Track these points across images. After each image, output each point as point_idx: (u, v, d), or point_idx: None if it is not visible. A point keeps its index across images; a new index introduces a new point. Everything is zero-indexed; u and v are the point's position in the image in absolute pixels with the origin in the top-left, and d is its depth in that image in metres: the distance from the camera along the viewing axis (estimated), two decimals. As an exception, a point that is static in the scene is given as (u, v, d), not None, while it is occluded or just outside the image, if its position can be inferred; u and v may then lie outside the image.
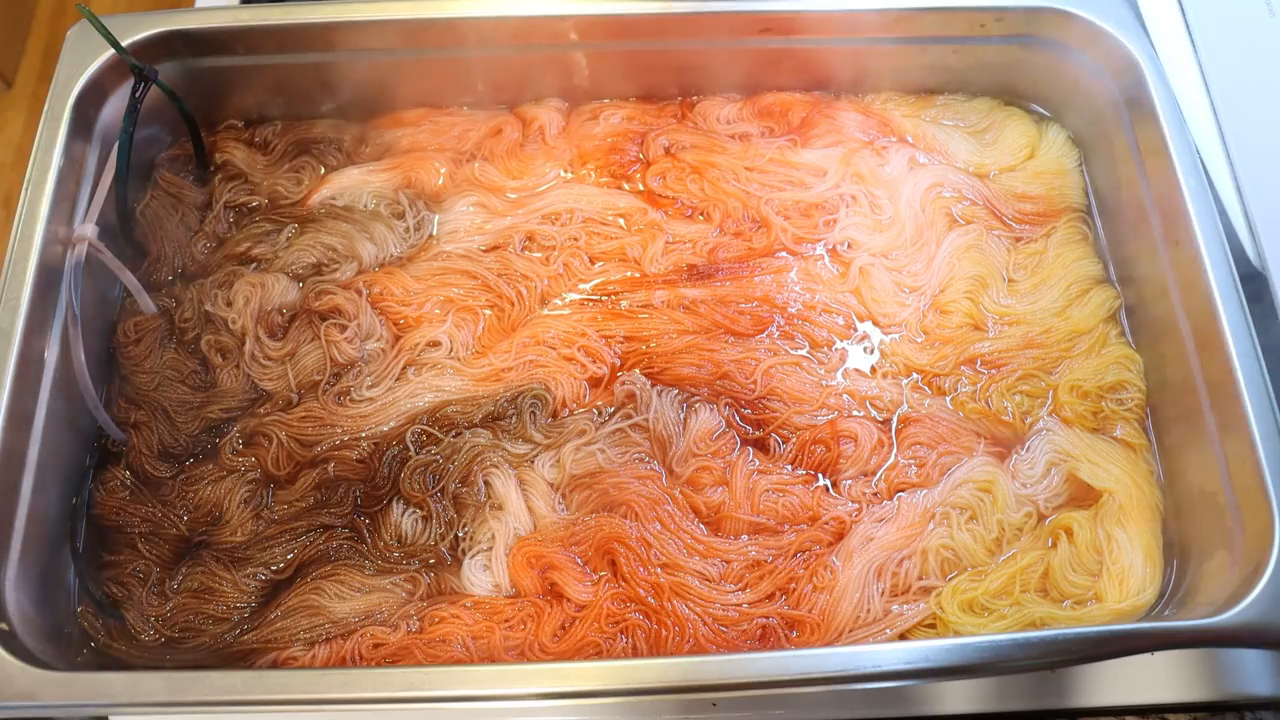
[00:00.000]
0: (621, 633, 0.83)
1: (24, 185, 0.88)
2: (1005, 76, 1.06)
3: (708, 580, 0.84)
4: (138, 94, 0.92)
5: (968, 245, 0.99)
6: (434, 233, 1.01)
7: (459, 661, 0.81)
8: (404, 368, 0.94)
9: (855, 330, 0.96)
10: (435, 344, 0.95)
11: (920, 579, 0.85)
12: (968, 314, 0.96)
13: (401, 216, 1.01)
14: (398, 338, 0.95)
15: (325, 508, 0.88)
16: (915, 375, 0.94)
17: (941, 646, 0.73)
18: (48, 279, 0.86)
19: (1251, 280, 0.86)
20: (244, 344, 0.94)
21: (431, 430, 0.91)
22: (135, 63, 0.92)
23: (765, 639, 0.82)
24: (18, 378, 0.82)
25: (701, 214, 1.02)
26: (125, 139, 0.92)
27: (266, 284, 0.96)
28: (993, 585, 0.84)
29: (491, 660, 0.81)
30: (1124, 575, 0.83)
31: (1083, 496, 0.88)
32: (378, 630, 0.83)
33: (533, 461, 0.90)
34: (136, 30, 0.94)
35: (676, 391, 0.92)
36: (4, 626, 0.76)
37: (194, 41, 0.97)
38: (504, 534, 0.87)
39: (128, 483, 0.89)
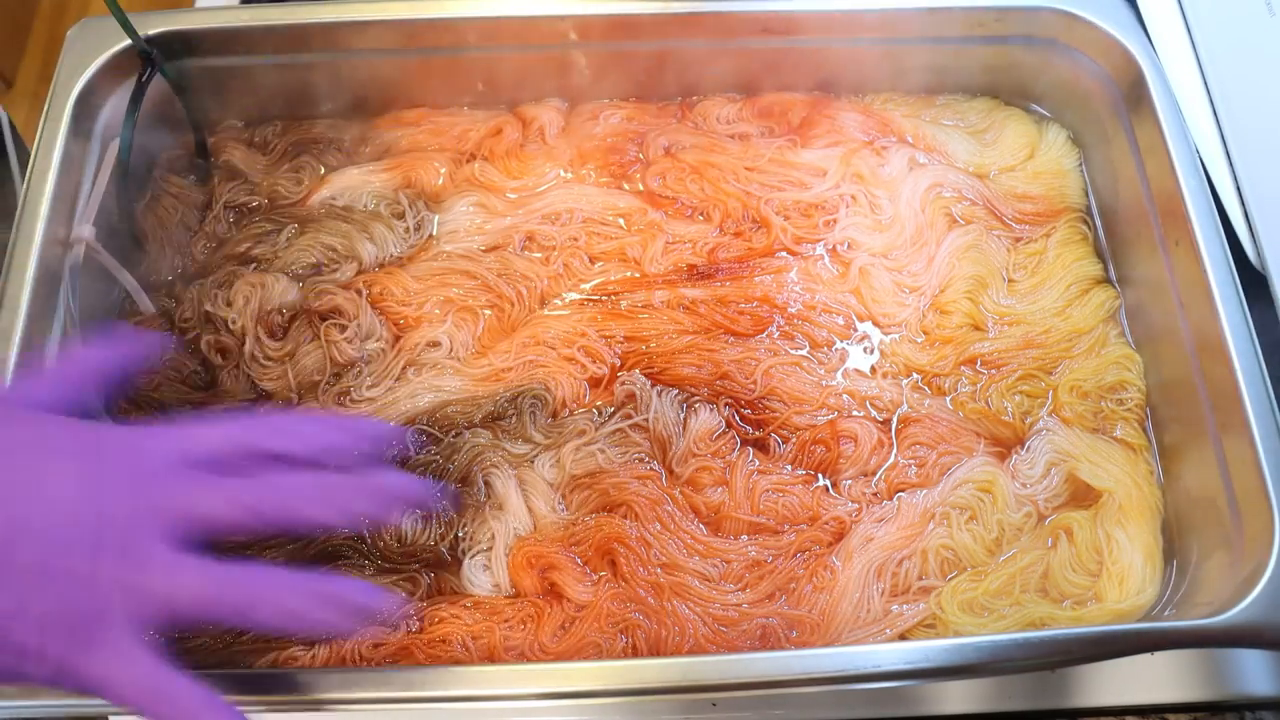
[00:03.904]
0: (621, 633, 0.83)
1: (23, 185, 0.88)
2: (1005, 76, 1.06)
3: (707, 580, 0.84)
4: (144, 78, 0.93)
5: (968, 245, 0.99)
6: (434, 233, 1.01)
7: (459, 661, 0.81)
8: (404, 368, 0.94)
9: (855, 330, 0.96)
10: (435, 344, 0.95)
11: (920, 579, 0.85)
12: (968, 314, 0.96)
13: (401, 216, 1.01)
14: (398, 338, 0.95)
15: (325, 508, 0.88)
16: (915, 375, 0.94)
17: (941, 646, 0.73)
18: (47, 279, 0.86)
19: (1251, 280, 0.86)
20: (244, 344, 0.94)
21: (431, 430, 0.91)
22: (144, 46, 0.92)
23: (765, 639, 0.82)
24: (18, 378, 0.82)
25: (701, 214, 1.02)
26: (128, 127, 0.92)
27: (266, 284, 0.96)
28: (993, 585, 0.84)
29: (491, 660, 0.81)
30: (1124, 575, 0.83)
31: (1083, 496, 0.88)
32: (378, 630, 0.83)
33: (533, 461, 0.90)
34: (136, 29, 0.94)
35: (676, 391, 0.92)
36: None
37: (194, 41, 0.97)
38: (504, 534, 0.87)
39: (128, 483, 0.88)
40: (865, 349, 0.95)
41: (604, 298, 0.98)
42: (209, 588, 0.53)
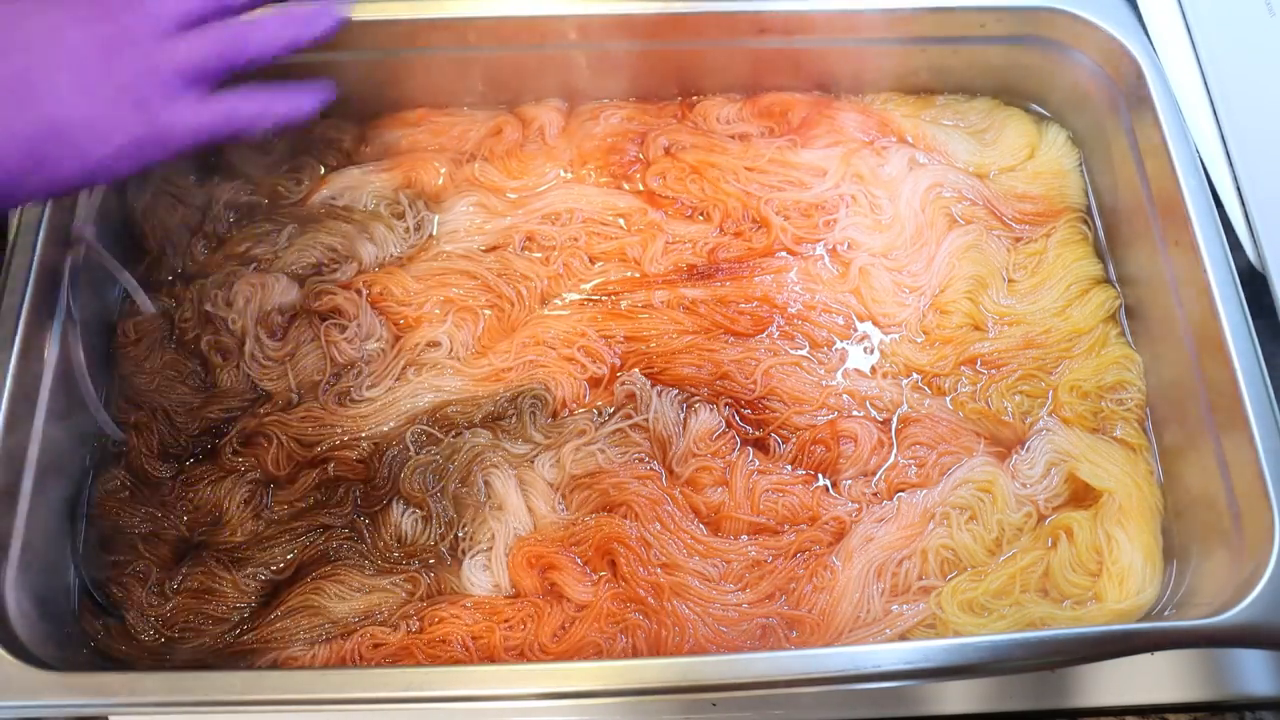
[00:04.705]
0: (621, 633, 0.83)
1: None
2: (1005, 76, 1.06)
3: (707, 580, 0.85)
4: None
5: (968, 245, 0.99)
6: (434, 233, 1.01)
7: (459, 661, 0.81)
8: (404, 368, 0.94)
9: (855, 330, 0.96)
10: (435, 344, 0.95)
11: (920, 579, 0.85)
12: (968, 314, 0.96)
13: (401, 216, 1.01)
14: (398, 338, 0.95)
15: (325, 508, 0.88)
16: (915, 375, 0.94)
17: (941, 646, 0.73)
18: (47, 279, 0.86)
19: (1251, 280, 0.86)
20: (244, 344, 0.94)
21: (431, 430, 0.91)
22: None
23: (765, 639, 0.82)
24: (18, 378, 0.82)
25: (701, 214, 1.02)
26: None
27: (266, 284, 0.96)
28: (992, 585, 0.84)
29: (491, 660, 0.81)
30: (1124, 575, 0.83)
31: (1083, 496, 0.88)
32: (378, 630, 0.83)
33: (533, 461, 0.90)
34: (136, 30, 0.94)
35: (676, 391, 0.92)
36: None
37: (194, 41, 0.97)
38: (504, 534, 0.87)
39: (127, 483, 0.89)
40: (865, 349, 0.95)
41: (604, 298, 0.98)
42: (220, 111, 0.70)
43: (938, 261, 0.98)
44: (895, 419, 0.92)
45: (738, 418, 0.92)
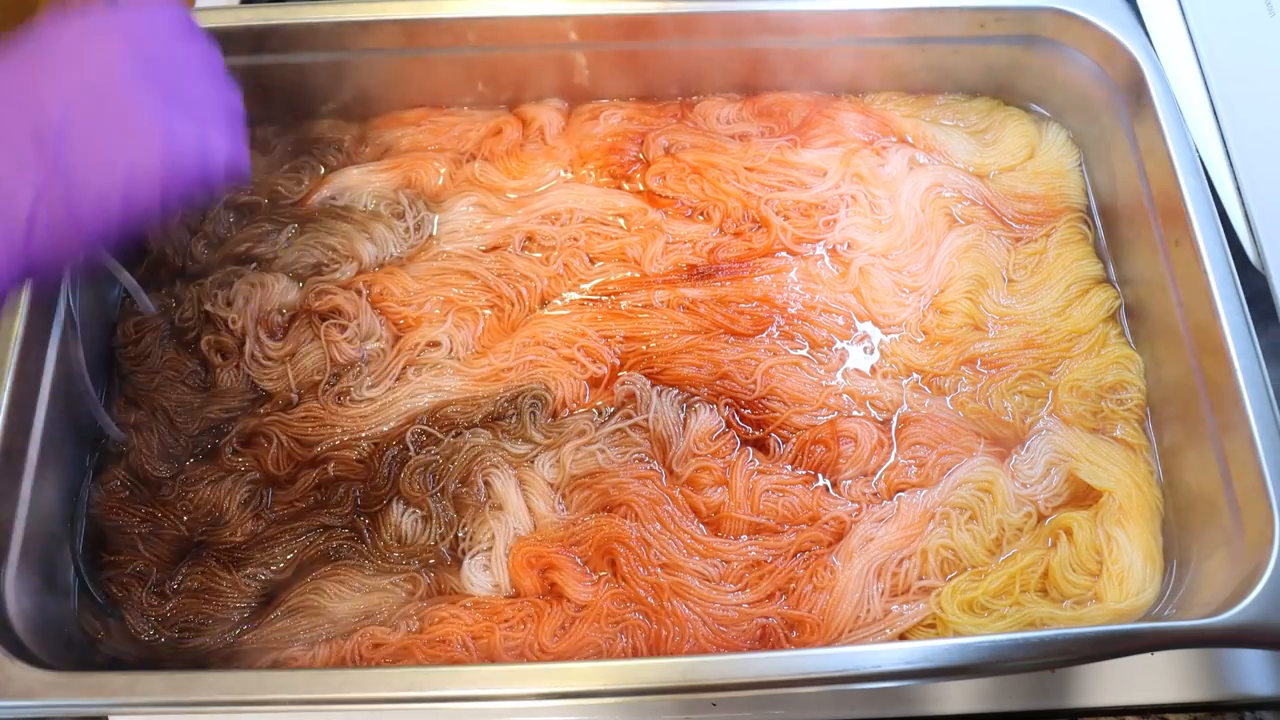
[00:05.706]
0: (621, 633, 0.83)
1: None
2: (1005, 76, 1.06)
3: (707, 580, 0.84)
4: None
5: (968, 245, 0.99)
6: (434, 233, 1.01)
7: (459, 661, 0.81)
8: (404, 368, 0.94)
9: (855, 330, 0.96)
10: (435, 344, 0.95)
11: (920, 579, 0.85)
12: (968, 314, 0.96)
13: (401, 216, 1.01)
14: (398, 338, 0.95)
15: (325, 508, 0.88)
16: (915, 375, 0.94)
17: (941, 646, 0.73)
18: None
19: (1251, 280, 0.86)
20: (244, 344, 0.94)
21: (431, 430, 0.91)
22: None
23: (765, 639, 0.82)
24: (18, 378, 0.82)
25: (701, 214, 1.02)
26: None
27: (266, 284, 0.96)
28: (992, 585, 0.84)
29: (491, 660, 0.81)
30: (1124, 575, 0.83)
31: (1082, 496, 0.88)
32: (378, 630, 0.83)
33: (533, 461, 0.90)
34: (136, 30, 0.94)
35: (676, 391, 0.92)
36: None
37: (194, 41, 0.97)
38: (504, 534, 0.87)
39: (127, 483, 0.89)
40: (865, 349, 0.95)
41: (604, 298, 0.98)
42: None
43: (938, 261, 0.98)
44: (895, 419, 0.92)
45: (738, 418, 0.92)
